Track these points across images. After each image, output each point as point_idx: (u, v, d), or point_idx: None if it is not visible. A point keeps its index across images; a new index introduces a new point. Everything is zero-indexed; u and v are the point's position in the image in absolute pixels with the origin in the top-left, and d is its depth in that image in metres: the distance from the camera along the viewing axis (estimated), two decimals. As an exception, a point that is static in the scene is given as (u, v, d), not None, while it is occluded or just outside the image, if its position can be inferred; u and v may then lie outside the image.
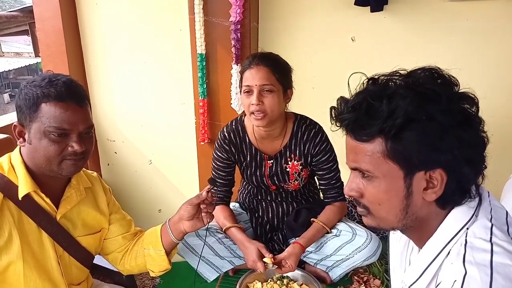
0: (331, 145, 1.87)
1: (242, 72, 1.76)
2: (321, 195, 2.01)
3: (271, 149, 1.89)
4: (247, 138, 1.89)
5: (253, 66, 1.70)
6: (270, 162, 1.90)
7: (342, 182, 1.92)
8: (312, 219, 1.89)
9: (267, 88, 1.68)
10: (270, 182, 1.94)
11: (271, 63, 1.71)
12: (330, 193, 1.92)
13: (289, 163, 1.88)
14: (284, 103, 1.77)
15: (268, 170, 1.92)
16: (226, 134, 1.90)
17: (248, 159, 1.92)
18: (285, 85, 1.74)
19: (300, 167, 1.89)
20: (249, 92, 1.71)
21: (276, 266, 1.71)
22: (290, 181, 1.92)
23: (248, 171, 1.95)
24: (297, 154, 1.87)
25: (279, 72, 1.71)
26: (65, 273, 1.32)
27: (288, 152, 1.87)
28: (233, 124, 1.91)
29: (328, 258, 1.88)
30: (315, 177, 2.02)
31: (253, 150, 1.90)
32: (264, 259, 1.71)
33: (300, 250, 1.75)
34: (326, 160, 1.86)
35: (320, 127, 1.86)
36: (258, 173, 1.93)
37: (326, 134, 1.86)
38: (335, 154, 1.88)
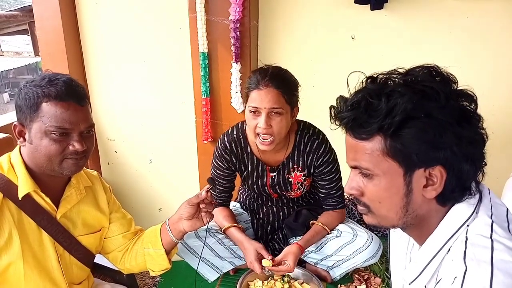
0: (334, 155, 1.82)
1: (248, 89, 1.65)
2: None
3: (274, 160, 1.84)
4: (248, 148, 1.84)
5: (262, 87, 1.60)
6: (272, 174, 1.87)
7: (343, 190, 1.89)
8: (311, 222, 1.88)
9: (276, 111, 1.60)
10: (272, 191, 1.92)
11: (282, 84, 1.61)
12: (329, 202, 1.89)
13: (292, 173, 1.85)
14: (290, 123, 1.69)
15: (270, 180, 1.88)
16: (227, 144, 1.83)
17: (250, 169, 1.87)
18: (293, 105, 1.67)
19: (303, 178, 1.86)
20: (255, 113, 1.62)
21: (271, 273, 1.70)
22: (293, 190, 1.90)
23: (250, 180, 1.91)
24: (300, 165, 1.83)
25: (288, 93, 1.63)
26: (65, 273, 1.32)
27: (291, 163, 1.83)
28: (234, 132, 1.84)
29: (328, 258, 1.87)
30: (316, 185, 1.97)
31: (255, 160, 1.85)
32: (263, 261, 1.69)
33: (298, 250, 1.73)
34: (328, 171, 1.82)
35: (324, 137, 1.81)
36: (260, 182, 1.90)
37: (329, 144, 1.81)
38: (338, 164, 1.84)
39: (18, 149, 1.25)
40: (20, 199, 1.19)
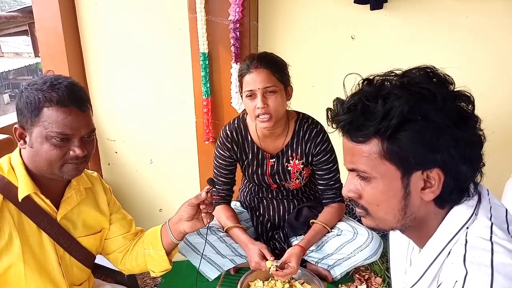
0: (332, 146, 1.87)
1: (241, 76, 1.74)
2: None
3: (273, 148, 1.89)
4: (249, 136, 1.90)
5: (252, 69, 1.69)
6: (272, 160, 1.90)
7: (341, 183, 1.92)
8: (311, 221, 1.89)
9: (270, 89, 1.68)
10: (271, 180, 1.95)
11: (270, 64, 1.70)
12: (328, 194, 1.92)
13: (291, 162, 1.89)
14: (286, 101, 1.76)
15: (269, 168, 1.92)
16: (229, 133, 1.90)
17: (250, 157, 1.92)
18: (285, 83, 1.74)
19: (302, 166, 1.89)
20: (251, 96, 1.70)
21: (281, 261, 1.70)
22: (292, 179, 1.92)
23: (250, 170, 1.95)
24: (299, 153, 1.87)
25: (279, 72, 1.71)
26: (66, 274, 1.32)
27: (290, 151, 1.87)
28: (235, 122, 1.92)
29: (329, 257, 1.88)
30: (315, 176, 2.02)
31: (255, 148, 1.90)
32: (267, 263, 1.70)
33: (300, 251, 1.75)
34: (326, 160, 1.86)
35: (322, 127, 1.86)
36: (259, 171, 1.94)
37: (327, 135, 1.86)
38: (335, 155, 1.88)
39: (18, 150, 1.25)
40: (20, 200, 1.19)
